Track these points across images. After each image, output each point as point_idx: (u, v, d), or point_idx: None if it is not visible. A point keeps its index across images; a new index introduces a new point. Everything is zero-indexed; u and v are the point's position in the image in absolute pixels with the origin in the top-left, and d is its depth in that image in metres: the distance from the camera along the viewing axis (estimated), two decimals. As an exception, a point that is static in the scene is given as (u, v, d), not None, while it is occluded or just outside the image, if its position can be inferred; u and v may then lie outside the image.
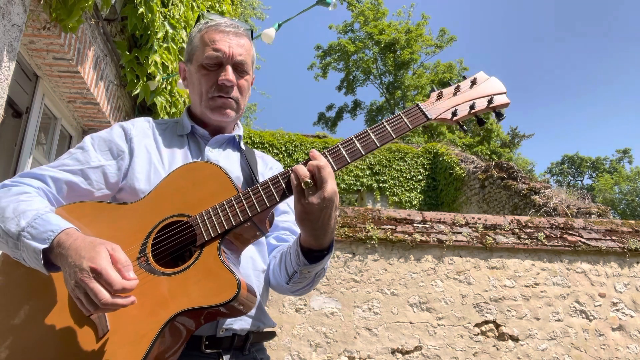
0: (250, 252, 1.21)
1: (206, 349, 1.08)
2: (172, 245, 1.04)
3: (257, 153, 1.43)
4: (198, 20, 1.34)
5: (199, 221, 1.02)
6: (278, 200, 1.02)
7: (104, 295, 0.86)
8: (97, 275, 0.87)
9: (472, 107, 1.08)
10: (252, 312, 1.16)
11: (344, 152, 1.03)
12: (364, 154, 1.03)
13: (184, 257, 1.06)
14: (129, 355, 0.91)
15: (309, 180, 0.96)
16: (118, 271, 0.89)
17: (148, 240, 1.03)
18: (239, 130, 1.40)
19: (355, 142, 1.03)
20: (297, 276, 1.13)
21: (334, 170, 1.01)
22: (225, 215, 1.02)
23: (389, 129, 1.04)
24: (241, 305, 0.97)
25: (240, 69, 1.28)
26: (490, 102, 1.08)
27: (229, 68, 1.25)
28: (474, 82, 1.11)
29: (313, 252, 1.08)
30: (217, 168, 1.09)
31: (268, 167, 1.42)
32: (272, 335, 1.27)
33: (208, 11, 4.31)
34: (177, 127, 1.35)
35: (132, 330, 0.94)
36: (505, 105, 1.09)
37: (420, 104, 1.09)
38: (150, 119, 1.36)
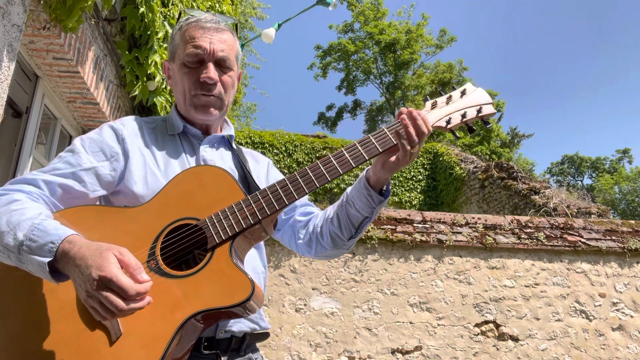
0: (250, 256, 1.21)
1: (204, 350, 1.09)
2: (182, 249, 1.04)
3: (245, 151, 1.44)
4: (179, 17, 1.31)
5: (209, 224, 1.04)
6: (287, 203, 1.08)
7: (119, 302, 0.84)
8: (108, 283, 0.84)
9: (463, 115, 1.18)
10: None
11: (350, 156, 1.13)
12: (367, 158, 1.13)
13: (188, 261, 1.05)
14: (145, 358, 0.90)
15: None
16: (130, 275, 0.87)
17: (157, 244, 1.02)
18: (229, 130, 1.39)
19: (359, 147, 1.13)
20: (367, 222, 1.23)
21: (340, 175, 1.11)
22: (235, 218, 1.04)
23: (389, 135, 1.14)
24: (254, 304, 0.98)
25: (223, 65, 1.25)
26: (479, 111, 1.18)
27: (211, 65, 1.22)
28: (463, 93, 1.21)
29: (381, 189, 1.21)
30: (223, 171, 1.10)
31: (258, 163, 1.44)
32: (266, 336, 1.28)
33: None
34: (167, 125, 1.32)
35: (146, 333, 0.92)
36: (492, 114, 1.19)
37: None
38: (138, 117, 1.33)
